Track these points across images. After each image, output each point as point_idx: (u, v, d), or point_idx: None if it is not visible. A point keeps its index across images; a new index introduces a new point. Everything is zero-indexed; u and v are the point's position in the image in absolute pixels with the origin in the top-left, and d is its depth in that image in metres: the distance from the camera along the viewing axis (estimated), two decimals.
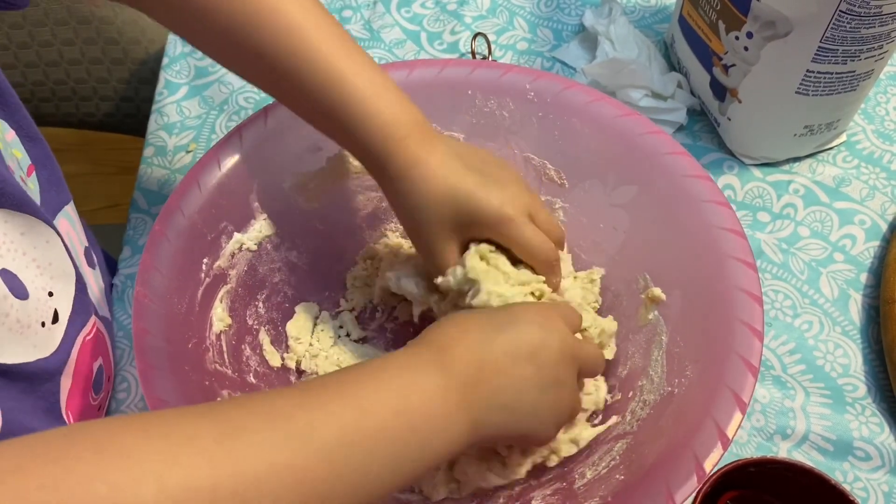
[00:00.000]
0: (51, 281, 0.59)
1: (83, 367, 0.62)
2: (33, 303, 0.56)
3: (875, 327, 0.72)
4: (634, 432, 0.59)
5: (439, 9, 0.97)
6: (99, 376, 0.66)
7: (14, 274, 0.55)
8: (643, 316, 0.64)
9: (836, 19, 0.67)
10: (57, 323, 0.59)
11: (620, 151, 0.67)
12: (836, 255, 0.76)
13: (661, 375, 0.60)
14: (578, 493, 0.57)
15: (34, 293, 0.56)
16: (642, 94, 0.83)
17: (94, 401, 0.66)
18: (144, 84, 1.07)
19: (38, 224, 0.57)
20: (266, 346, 0.68)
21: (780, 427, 0.68)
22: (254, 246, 0.68)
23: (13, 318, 0.53)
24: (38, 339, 0.56)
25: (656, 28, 0.93)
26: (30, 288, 0.56)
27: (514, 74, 0.71)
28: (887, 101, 0.86)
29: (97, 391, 0.66)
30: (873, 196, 0.79)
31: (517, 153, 0.71)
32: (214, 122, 0.88)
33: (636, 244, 0.67)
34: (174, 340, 0.59)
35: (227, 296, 0.66)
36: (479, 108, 0.71)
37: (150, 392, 0.55)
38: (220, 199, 0.66)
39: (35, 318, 0.56)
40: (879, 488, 0.65)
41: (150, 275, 0.60)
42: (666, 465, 0.52)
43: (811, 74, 0.72)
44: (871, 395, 0.69)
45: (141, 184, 0.84)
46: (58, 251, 0.60)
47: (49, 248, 0.59)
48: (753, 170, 0.81)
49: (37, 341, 0.56)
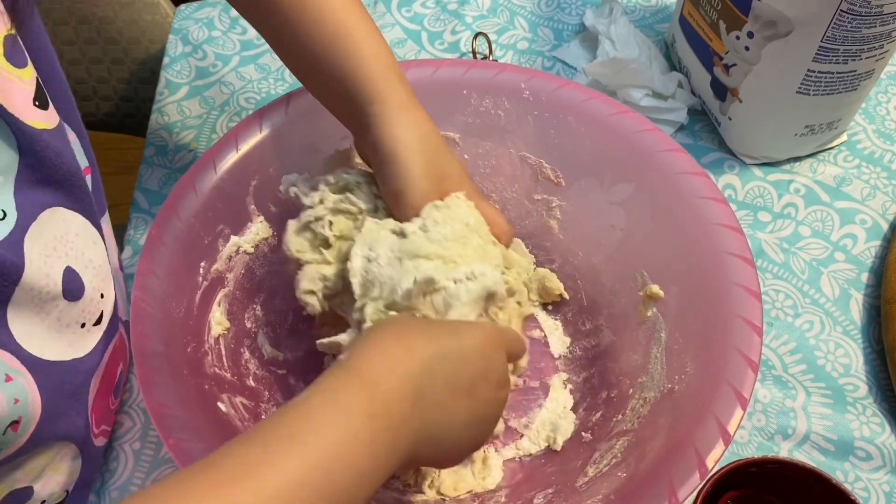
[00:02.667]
0: (102, 283, 0.59)
1: (110, 371, 0.63)
2: (85, 303, 0.57)
3: (876, 327, 0.72)
4: (635, 429, 0.59)
5: (440, 8, 0.96)
6: (119, 380, 0.67)
7: (77, 273, 0.55)
8: (642, 313, 0.64)
9: (837, 19, 0.66)
10: (98, 325, 0.60)
11: (616, 149, 0.67)
12: (837, 255, 0.76)
13: (660, 372, 0.60)
14: (581, 490, 0.57)
15: (89, 293, 0.57)
16: (643, 94, 0.83)
17: (113, 405, 0.67)
18: (144, 84, 1.07)
19: (89, 226, 0.58)
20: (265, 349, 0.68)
21: (780, 427, 0.67)
22: (251, 248, 0.68)
23: (54, 316, 0.54)
24: (74, 338, 0.57)
25: (657, 28, 0.93)
26: (87, 288, 0.57)
27: (508, 73, 0.71)
28: (888, 101, 0.86)
29: (116, 395, 0.67)
30: (874, 195, 0.79)
31: (513, 152, 0.71)
32: (215, 123, 0.88)
33: (633, 242, 0.67)
34: (173, 344, 0.59)
35: (225, 299, 0.67)
36: (474, 108, 0.71)
37: (150, 396, 0.55)
38: (216, 202, 0.66)
39: (78, 320, 0.57)
40: (880, 488, 0.65)
41: (148, 279, 0.60)
42: (668, 461, 0.52)
43: (812, 74, 0.72)
44: (872, 394, 0.69)
45: (141, 184, 0.85)
46: (102, 254, 0.60)
47: (97, 250, 0.59)
48: (754, 169, 0.81)
49: (72, 340, 0.57)
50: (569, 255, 0.71)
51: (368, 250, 0.58)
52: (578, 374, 0.68)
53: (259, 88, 0.91)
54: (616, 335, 0.67)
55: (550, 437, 0.65)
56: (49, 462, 0.58)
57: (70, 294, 0.55)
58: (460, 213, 0.59)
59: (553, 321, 0.72)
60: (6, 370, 0.50)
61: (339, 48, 0.61)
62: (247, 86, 0.91)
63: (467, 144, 0.70)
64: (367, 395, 0.44)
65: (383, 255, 0.57)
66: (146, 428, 0.69)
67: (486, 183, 0.73)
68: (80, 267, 0.56)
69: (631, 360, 0.64)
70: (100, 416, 0.63)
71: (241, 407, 0.62)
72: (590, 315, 0.70)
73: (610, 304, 0.68)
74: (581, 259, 0.70)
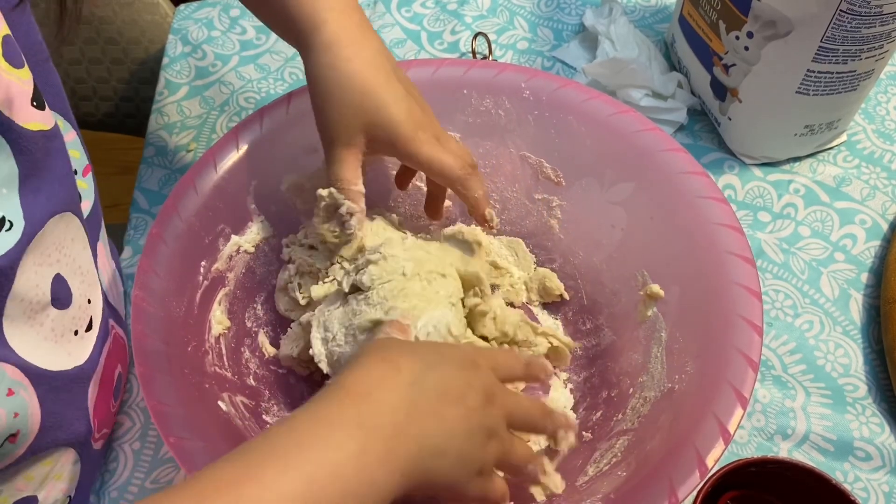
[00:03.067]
0: (88, 288, 0.59)
1: (108, 374, 0.63)
2: (73, 311, 0.56)
3: (876, 327, 0.72)
4: (636, 429, 0.59)
5: (439, 8, 0.96)
6: (118, 383, 0.67)
7: (65, 280, 0.55)
8: (642, 313, 0.64)
9: (837, 19, 0.66)
10: (90, 331, 0.60)
11: (617, 149, 0.67)
12: (837, 255, 0.76)
13: (661, 372, 0.60)
14: (581, 489, 0.57)
15: (77, 300, 0.57)
16: (643, 94, 0.83)
17: (113, 407, 0.67)
18: (144, 84, 1.07)
19: (80, 229, 0.58)
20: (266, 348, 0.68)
21: (780, 427, 0.67)
22: (251, 248, 0.68)
23: (48, 327, 0.54)
24: (71, 346, 0.57)
25: (657, 28, 0.93)
26: (75, 295, 0.56)
27: (509, 73, 0.71)
28: (888, 101, 0.86)
29: (115, 397, 0.67)
30: (874, 196, 0.79)
31: (514, 152, 0.71)
32: (215, 123, 0.88)
33: (634, 241, 0.67)
34: (173, 343, 0.59)
35: (226, 298, 0.67)
36: (475, 108, 0.71)
37: (151, 395, 0.55)
38: (216, 201, 0.66)
39: (70, 327, 0.56)
40: (880, 488, 0.65)
41: (149, 278, 0.60)
42: (668, 460, 0.52)
43: (812, 74, 0.72)
44: (872, 395, 0.69)
45: (141, 184, 0.84)
46: (89, 258, 0.60)
47: (85, 254, 0.59)
48: (754, 169, 0.81)
49: (71, 349, 0.57)
50: (569, 255, 0.71)
51: (325, 331, 0.61)
52: (579, 373, 0.68)
53: (259, 88, 0.91)
54: (616, 335, 0.67)
55: None
56: (51, 470, 0.58)
57: (59, 302, 0.54)
58: (396, 265, 0.60)
59: (553, 321, 0.72)
60: (10, 384, 0.50)
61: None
62: (246, 86, 0.91)
63: (468, 144, 0.70)
64: (356, 407, 0.44)
65: (339, 334, 0.60)
66: (146, 428, 0.69)
67: (487, 182, 0.73)
68: (69, 273, 0.56)
69: (631, 359, 0.64)
70: (101, 420, 0.63)
71: (241, 406, 0.62)
72: (590, 315, 0.70)
73: (610, 303, 0.68)
74: (581, 259, 0.70)
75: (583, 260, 0.70)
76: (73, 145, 0.61)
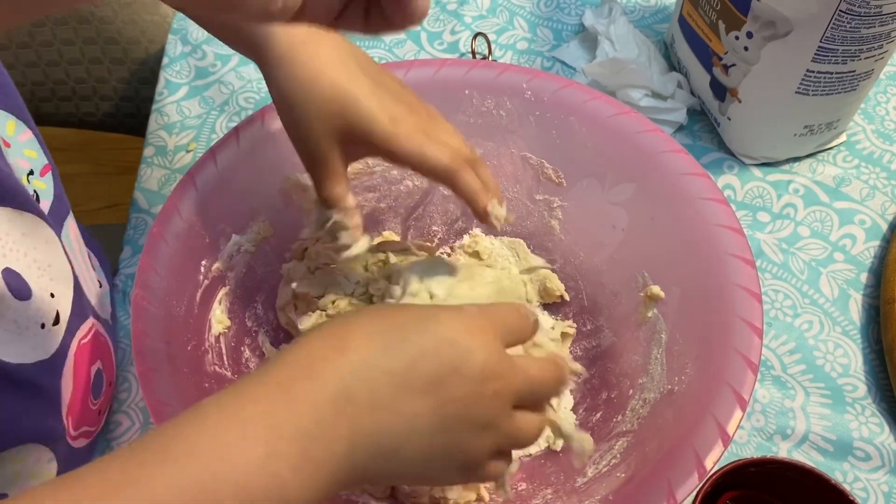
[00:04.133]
0: (51, 282, 0.58)
1: (81, 371, 0.62)
2: (36, 303, 0.56)
3: (875, 327, 0.72)
4: (635, 430, 0.59)
5: (439, 8, 0.97)
6: (98, 380, 0.66)
7: (18, 273, 0.54)
8: (642, 314, 0.64)
9: (836, 19, 0.66)
10: (58, 325, 0.59)
11: (618, 150, 0.67)
12: (837, 255, 0.76)
13: (661, 373, 0.60)
14: (580, 491, 0.57)
15: (38, 293, 0.56)
16: (642, 94, 0.83)
17: (94, 405, 0.66)
18: (144, 84, 1.07)
19: (39, 224, 0.57)
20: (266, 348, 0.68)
21: (779, 427, 0.68)
22: (252, 247, 0.68)
23: (9, 318, 0.53)
24: (36, 340, 0.56)
25: (656, 28, 0.93)
26: (34, 288, 0.56)
27: (510, 74, 0.71)
28: (887, 101, 0.86)
29: (96, 395, 0.66)
30: (873, 196, 0.79)
31: (515, 152, 0.71)
32: (215, 123, 0.88)
33: (634, 242, 0.67)
34: (173, 342, 0.59)
35: (226, 297, 0.66)
36: (476, 108, 0.71)
37: (150, 394, 0.55)
38: (217, 200, 0.66)
39: (35, 320, 0.56)
40: (879, 488, 0.65)
41: (149, 277, 0.60)
42: (667, 462, 0.52)
43: (811, 74, 0.72)
44: (871, 395, 0.69)
45: (141, 184, 0.84)
46: (57, 252, 0.59)
47: (49, 249, 0.58)
48: (753, 170, 0.81)
49: (35, 343, 0.56)
50: (570, 256, 0.71)
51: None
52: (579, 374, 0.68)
53: (259, 88, 0.91)
54: (617, 336, 0.67)
55: (550, 437, 0.65)
56: (22, 468, 0.57)
57: (17, 293, 0.53)
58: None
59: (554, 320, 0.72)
60: None
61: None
62: (246, 86, 0.91)
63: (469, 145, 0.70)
64: (268, 403, 0.38)
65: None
66: (145, 427, 0.69)
67: None
68: (21, 268, 0.55)
69: (631, 360, 0.64)
70: (78, 418, 0.62)
71: None
72: (590, 316, 0.70)
73: (611, 304, 0.68)
74: (582, 259, 0.70)
75: (583, 261, 0.70)
76: (30, 145, 0.61)
